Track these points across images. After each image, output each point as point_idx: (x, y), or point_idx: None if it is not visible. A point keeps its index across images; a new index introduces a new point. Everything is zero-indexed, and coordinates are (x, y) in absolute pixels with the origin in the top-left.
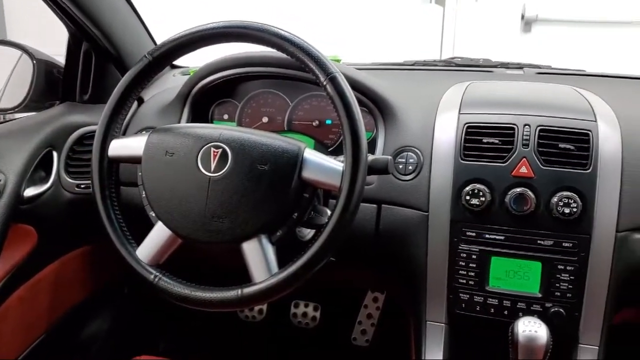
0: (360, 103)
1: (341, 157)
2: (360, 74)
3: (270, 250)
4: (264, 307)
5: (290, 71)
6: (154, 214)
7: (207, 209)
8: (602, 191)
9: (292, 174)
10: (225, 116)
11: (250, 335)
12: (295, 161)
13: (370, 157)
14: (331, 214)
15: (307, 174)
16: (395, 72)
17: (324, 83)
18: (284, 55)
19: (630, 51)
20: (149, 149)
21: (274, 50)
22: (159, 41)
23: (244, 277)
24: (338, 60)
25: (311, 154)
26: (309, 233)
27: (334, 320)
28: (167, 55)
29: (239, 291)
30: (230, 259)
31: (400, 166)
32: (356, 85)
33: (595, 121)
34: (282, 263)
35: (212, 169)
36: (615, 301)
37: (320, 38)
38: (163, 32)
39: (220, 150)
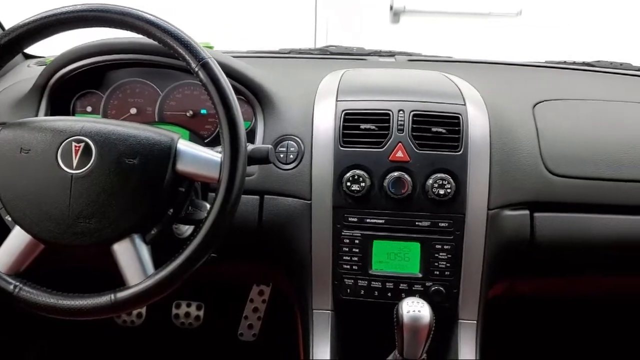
0: (237, 91)
1: (219, 148)
2: (235, 61)
3: (144, 251)
4: (143, 310)
5: (159, 58)
6: (10, 218)
7: (71, 209)
8: (473, 172)
9: (165, 167)
10: (89, 108)
11: (129, 341)
12: (168, 153)
13: (250, 146)
14: (210, 208)
15: (182, 166)
16: (271, 60)
17: (196, 69)
18: (151, 41)
19: (490, 39)
20: (0, 146)
21: (141, 36)
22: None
23: (118, 281)
24: (211, 47)
25: (186, 145)
26: (187, 230)
27: (219, 317)
28: (16, 43)
29: (112, 296)
30: (101, 262)
31: (282, 155)
32: (231, 73)
33: (465, 105)
34: (160, 263)
35: (75, 165)
36: (489, 276)
37: (193, 26)
38: None
39: (82, 144)
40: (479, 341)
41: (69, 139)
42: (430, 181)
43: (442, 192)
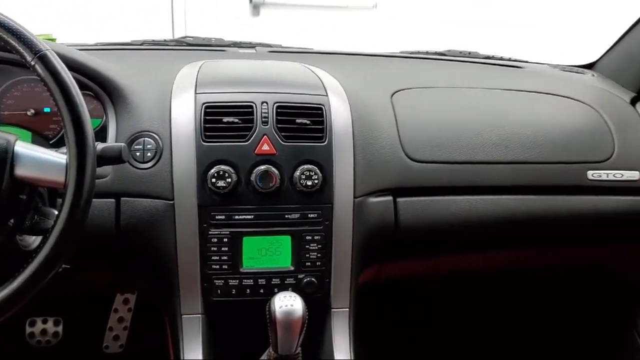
0: (83, 86)
1: (64, 149)
2: (80, 53)
3: None
4: None
5: None
6: None
7: None
8: (338, 161)
9: (1, 173)
10: None
11: None
12: (3, 157)
13: (101, 145)
14: (58, 216)
15: (21, 171)
16: (122, 53)
17: (32, 63)
18: None
19: (347, 31)
20: None
21: None
22: None
23: None
24: (53, 40)
25: (24, 147)
26: (34, 240)
27: (81, 331)
28: None
29: None
30: None
31: (138, 153)
32: (76, 66)
33: (327, 96)
34: (4, 280)
35: None
36: (359, 262)
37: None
38: None
39: None
40: (352, 327)
41: None
42: (297, 173)
43: (309, 183)
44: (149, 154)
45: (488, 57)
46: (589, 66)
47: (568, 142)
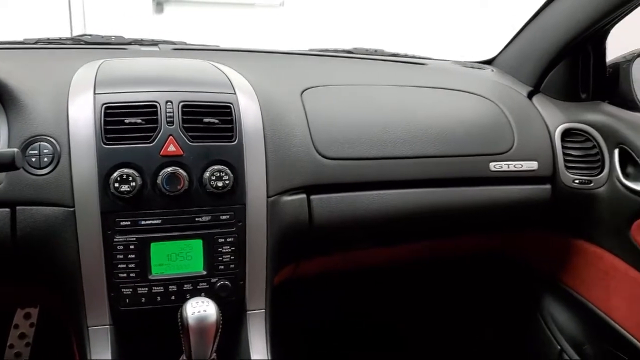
0: None
1: None
2: None
3: None
4: None
5: None
6: None
7: None
8: (250, 161)
9: None
10: None
11: None
12: None
13: None
14: None
15: None
16: (13, 52)
17: None
18: None
19: (254, 29)
20: None
21: None
22: None
23: None
24: None
25: None
26: None
27: None
28: None
29: None
30: None
31: (33, 159)
32: None
33: (235, 94)
34: None
35: None
36: (275, 262)
37: None
38: None
39: None
40: (269, 328)
41: None
42: (207, 174)
43: (220, 184)
44: (45, 159)
45: (393, 55)
46: (489, 62)
47: (471, 135)
